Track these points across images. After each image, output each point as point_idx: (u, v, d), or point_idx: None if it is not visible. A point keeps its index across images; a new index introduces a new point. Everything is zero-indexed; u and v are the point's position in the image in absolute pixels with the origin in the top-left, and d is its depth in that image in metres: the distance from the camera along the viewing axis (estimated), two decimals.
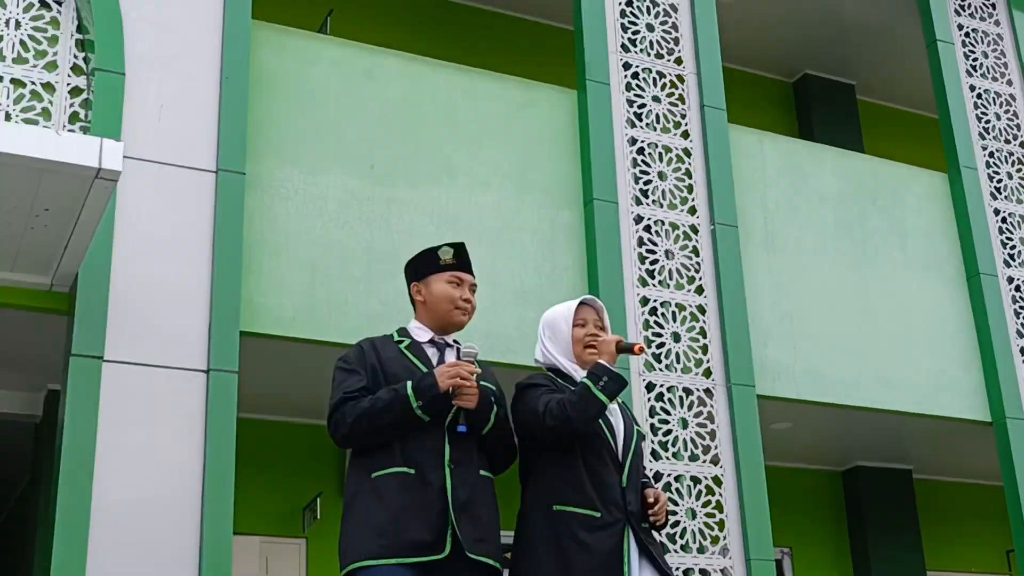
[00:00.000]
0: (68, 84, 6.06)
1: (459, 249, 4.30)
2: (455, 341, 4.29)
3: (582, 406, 3.97)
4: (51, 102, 5.98)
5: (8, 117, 5.82)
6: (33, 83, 5.97)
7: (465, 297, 4.24)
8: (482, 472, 4.07)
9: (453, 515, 3.88)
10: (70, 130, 5.93)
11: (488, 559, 3.96)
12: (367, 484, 3.96)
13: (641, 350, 4.14)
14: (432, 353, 4.17)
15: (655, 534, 4.26)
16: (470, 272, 4.30)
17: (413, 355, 4.14)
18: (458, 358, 4.08)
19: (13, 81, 5.93)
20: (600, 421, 4.10)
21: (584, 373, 4.14)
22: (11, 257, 5.64)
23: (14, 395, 7.21)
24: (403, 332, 4.26)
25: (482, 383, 4.03)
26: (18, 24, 6.05)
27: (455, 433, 4.00)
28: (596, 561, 3.92)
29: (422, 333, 4.23)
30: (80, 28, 6.20)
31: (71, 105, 6.03)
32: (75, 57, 6.14)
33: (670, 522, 6.75)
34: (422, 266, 4.28)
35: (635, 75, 7.79)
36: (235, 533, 5.72)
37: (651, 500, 4.13)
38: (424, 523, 3.87)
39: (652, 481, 4.46)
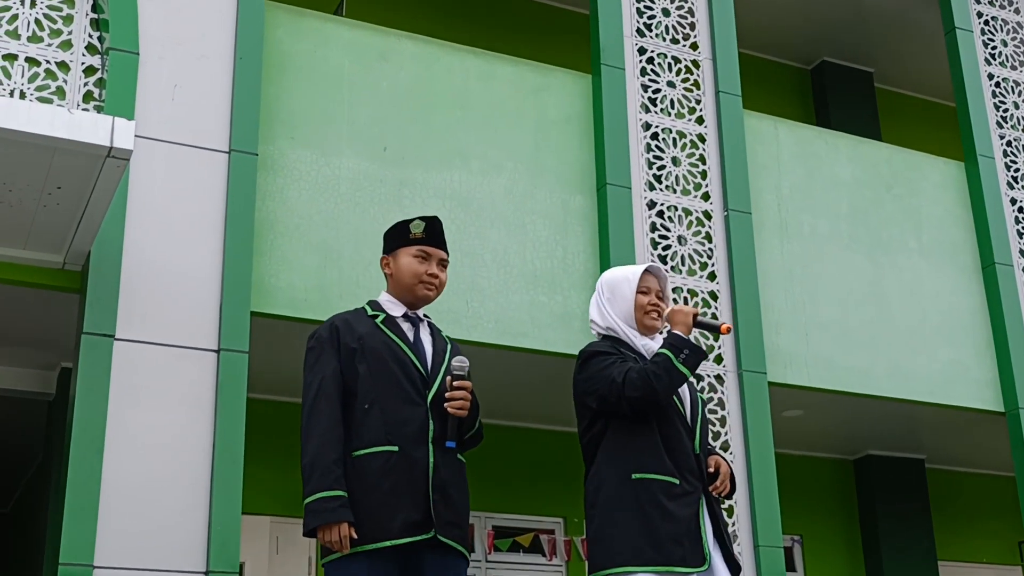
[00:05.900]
0: (82, 63, 6.07)
1: (431, 223, 4.21)
2: (425, 315, 4.24)
3: (666, 379, 3.94)
4: (65, 81, 5.99)
5: (23, 95, 5.84)
6: (48, 62, 5.98)
7: (431, 272, 4.16)
8: (459, 455, 4.05)
9: (432, 494, 3.85)
10: (84, 109, 5.94)
11: (458, 545, 3.92)
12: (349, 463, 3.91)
13: (728, 330, 4.10)
14: (407, 328, 4.12)
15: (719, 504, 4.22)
16: (441, 247, 4.21)
17: (389, 330, 4.08)
18: (449, 373, 4.00)
19: (28, 60, 5.94)
20: None
21: (643, 340, 4.15)
22: (24, 235, 5.66)
23: (27, 373, 7.23)
24: (375, 306, 4.18)
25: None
26: (33, 3, 6.06)
27: (438, 411, 3.96)
28: (680, 529, 3.91)
29: (395, 307, 4.16)
30: (95, 7, 6.20)
31: (85, 84, 6.04)
32: (90, 36, 6.14)
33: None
34: (393, 239, 4.22)
35: (650, 60, 7.76)
36: (244, 513, 5.75)
37: (711, 470, 4.09)
38: (412, 502, 3.84)
39: (717, 449, 4.36)
